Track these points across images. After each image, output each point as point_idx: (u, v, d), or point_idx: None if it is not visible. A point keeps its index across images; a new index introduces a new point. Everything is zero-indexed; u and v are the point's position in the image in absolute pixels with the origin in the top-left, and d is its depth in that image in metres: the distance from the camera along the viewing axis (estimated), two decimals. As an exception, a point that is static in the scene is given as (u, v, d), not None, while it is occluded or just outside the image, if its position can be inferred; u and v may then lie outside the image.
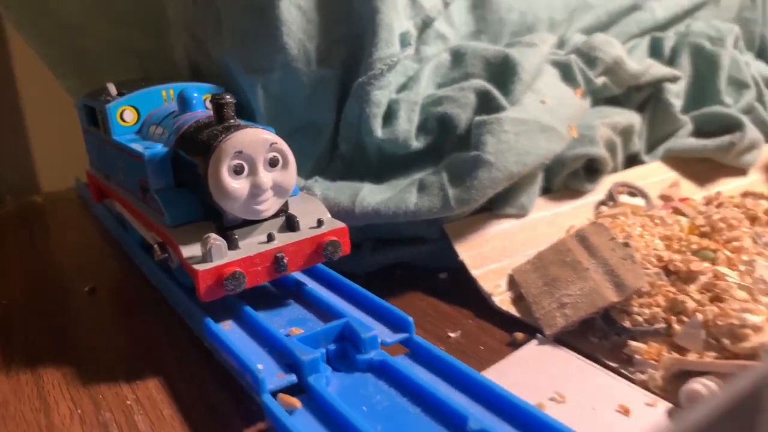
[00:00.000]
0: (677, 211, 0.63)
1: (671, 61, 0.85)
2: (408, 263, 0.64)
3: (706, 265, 0.49)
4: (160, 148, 0.53)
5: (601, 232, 0.54)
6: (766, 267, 0.48)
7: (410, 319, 0.45)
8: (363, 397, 0.40)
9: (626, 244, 0.51)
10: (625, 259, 0.50)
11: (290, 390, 0.40)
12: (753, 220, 0.60)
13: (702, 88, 0.82)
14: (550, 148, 0.60)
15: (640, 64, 0.76)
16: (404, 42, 0.64)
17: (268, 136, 0.47)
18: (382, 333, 0.45)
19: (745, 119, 0.76)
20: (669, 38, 0.87)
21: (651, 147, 0.78)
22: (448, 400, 0.37)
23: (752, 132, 0.75)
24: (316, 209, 0.52)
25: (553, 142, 0.60)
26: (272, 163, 0.47)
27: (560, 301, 0.50)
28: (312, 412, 0.39)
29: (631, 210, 0.62)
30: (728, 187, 0.75)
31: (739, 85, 0.82)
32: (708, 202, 0.66)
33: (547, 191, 0.68)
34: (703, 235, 0.57)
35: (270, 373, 0.40)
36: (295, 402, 0.39)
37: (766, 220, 0.59)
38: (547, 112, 0.61)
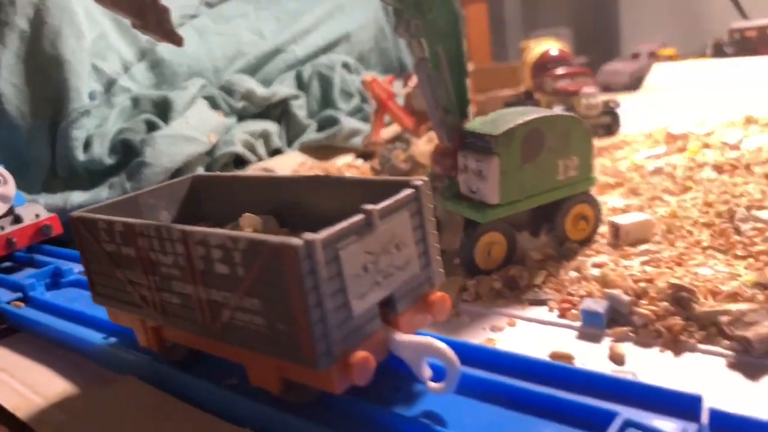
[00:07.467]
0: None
1: (309, 84, 1.26)
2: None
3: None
4: None
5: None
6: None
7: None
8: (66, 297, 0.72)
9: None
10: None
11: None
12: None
13: (325, 99, 1.24)
14: (193, 150, 0.96)
15: (269, 91, 1.15)
16: (92, 97, 0.97)
17: (-10, 166, 0.78)
18: (78, 266, 0.77)
19: (342, 116, 1.18)
20: (306, 69, 1.28)
21: (290, 142, 1.18)
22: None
23: (350, 123, 1.18)
24: (37, 210, 0.83)
25: (195, 146, 0.97)
26: (-5, 182, 0.78)
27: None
28: (34, 308, 0.71)
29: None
30: (342, 162, 1.16)
31: (347, 95, 1.25)
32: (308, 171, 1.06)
33: (212, 179, 1.04)
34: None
35: (5, 295, 0.71)
36: (19, 304, 0.71)
37: (336, 170, 1.00)
38: (190, 128, 0.98)
